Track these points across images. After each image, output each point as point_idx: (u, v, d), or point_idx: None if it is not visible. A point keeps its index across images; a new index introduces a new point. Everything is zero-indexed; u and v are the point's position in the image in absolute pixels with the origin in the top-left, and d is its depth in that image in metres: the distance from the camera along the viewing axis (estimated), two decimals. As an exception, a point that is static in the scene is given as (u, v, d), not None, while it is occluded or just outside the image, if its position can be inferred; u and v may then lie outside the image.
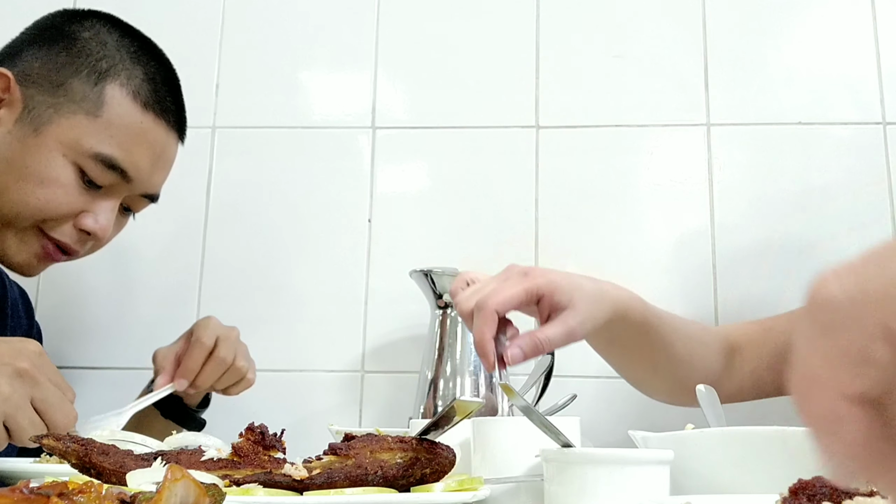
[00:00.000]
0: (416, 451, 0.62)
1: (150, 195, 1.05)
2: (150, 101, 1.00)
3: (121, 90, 0.97)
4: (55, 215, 0.96)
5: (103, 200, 0.99)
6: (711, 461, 0.65)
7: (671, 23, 1.40)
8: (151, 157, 1.01)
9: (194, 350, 1.06)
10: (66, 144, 0.94)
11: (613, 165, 1.36)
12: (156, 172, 1.03)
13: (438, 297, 1.17)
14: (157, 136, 1.01)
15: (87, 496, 0.38)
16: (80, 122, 0.95)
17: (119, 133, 0.97)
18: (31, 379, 0.74)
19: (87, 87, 0.96)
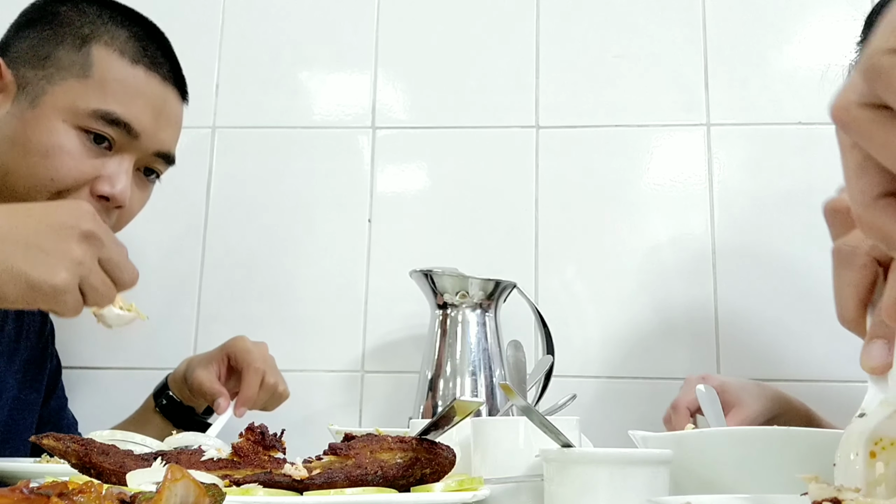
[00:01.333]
0: (416, 451, 0.62)
1: (163, 154, 1.03)
2: (137, 56, 0.99)
3: (106, 49, 0.97)
4: (67, 184, 0.94)
5: (115, 163, 0.97)
6: (711, 461, 0.65)
7: (671, 23, 1.40)
8: (151, 110, 0.99)
9: (252, 379, 1.09)
10: (64, 110, 0.93)
11: (613, 165, 1.36)
12: (161, 128, 1.01)
13: (438, 296, 1.17)
14: (153, 89, 1.00)
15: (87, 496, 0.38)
16: (73, 86, 0.94)
17: (112, 88, 0.96)
18: (98, 240, 0.73)
19: (73, 53, 0.96)
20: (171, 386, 1.15)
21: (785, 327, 1.28)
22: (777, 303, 1.29)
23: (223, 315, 1.36)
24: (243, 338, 1.14)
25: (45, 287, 0.69)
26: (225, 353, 1.13)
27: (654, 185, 1.35)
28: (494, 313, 1.18)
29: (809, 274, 1.30)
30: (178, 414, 1.14)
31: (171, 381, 1.16)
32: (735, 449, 0.64)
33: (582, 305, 1.32)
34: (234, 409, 1.08)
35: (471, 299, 1.16)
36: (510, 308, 1.22)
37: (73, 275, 0.71)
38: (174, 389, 1.15)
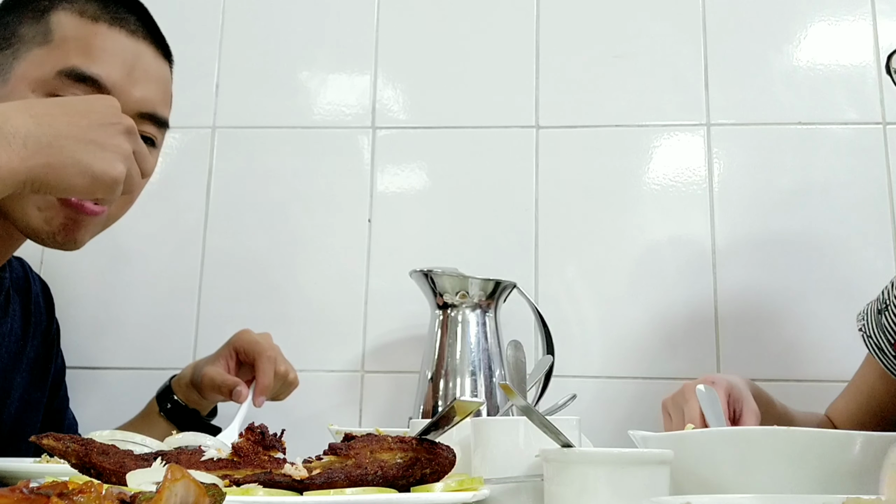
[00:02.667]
0: (416, 451, 0.62)
1: (148, 114, 0.99)
2: (97, 13, 0.95)
3: (64, 14, 0.95)
4: None
5: None
6: (711, 461, 0.65)
7: (671, 23, 1.40)
8: (120, 63, 0.94)
9: (266, 367, 1.09)
10: (32, 80, 0.91)
11: (613, 165, 1.36)
12: (136, 84, 0.96)
13: (438, 296, 1.17)
14: (120, 43, 0.95)
15: (87, 496, 0.38)
16: (36, 55, 0.92)
17: (73, 46, 0.93)
18: (135, 135, 0.80)
19: (34, 26, 0.94)
20: (175, 390, 1.15)
21: (785, 327, 1.28)
22: (777, 303, 1.29)
23: (223, 315, 1.36)
24: (248, 330, 1.14)
25: (107, 178, 0.76)
26: (232, 347, 1.13)
27: (654, 185, 1.35)
28: (494, 313, 1.18)
29: (809, 274, 1.30)
30: (183, 417, 1.14)
31: (176, 384, 1.15)
32: (735, 449, 0.64)
33: (582, 305, 1.32)
34: (253, 398, 1.08)
35: (471, 299, 1.16)
36: (510, 308, 1.22)
37: (126, 166, 0.78)
38: (179, 393, 1.15)
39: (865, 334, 1.08)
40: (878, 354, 1.06)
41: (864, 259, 1.29)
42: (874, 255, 1.29)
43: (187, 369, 1.16)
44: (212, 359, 1.13)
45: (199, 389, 1.12)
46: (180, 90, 1.44)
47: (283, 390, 1.13)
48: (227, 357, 1.12)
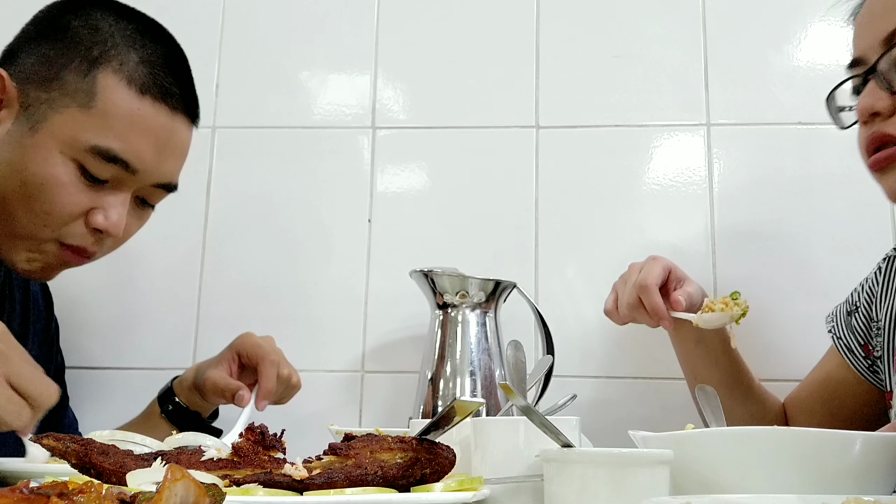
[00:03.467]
0: (416, 451, 0.62)
1: (164, 185, 1.00)
2: (147, 84, 0.93)
3: (114, 77, 0.91)
4: (62, 216, 0.92)
5: (111, 195, 0.94)
6: (711, 461, 0.65)
7: (671, 23, 1.40)
8: (155, 144, 0.95)
9: (269, 371, 1.09)
10: (63, 141, 0.90)
11: (613, 165, 1.36)
12: (164, 161, 0.97)
13: (438, 296, 1.17)
14: (160, 121, 0.95)
15: (87, 496, 0.38)
16: (74, 116, 0.90)
17: (116, 123, 0.91)
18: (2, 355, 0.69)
19: (79, 78, 0.91)
20: (177, 391, 1.15)
21: (784, 326, 1.28)
22: (777, 302, 1.29)
23: (223, 315, 1.36)
24: (250, 334, 1.14)
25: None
26: (234, 351, 1.12)
27: (654, 185, 1.35)
28: (494, 313, 1.18)
29: (809, 273, 1.30)
30: (184, 419, 1.14)
31: (178, 386, 1.15)
32: (735, 449, 0.64)
33: (582, 305, 1.32)
34: (256, 402, 1.08)
35: (471, 299, 1.16)
36: (510, 308, 1.22)
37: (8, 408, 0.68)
38: (181, 395, 1.14)
39: (835, 335, 1.09)
40: (848, 355, 1.06)
41: (864, 259, 1.29)
42: (875, 255, 1.29)
43: (189, 371, 1.16)
44: (214, 362, 1.13)
45: (202, 392, 1.12)
46: (180, 90, 1.44)
47: (286, 394, 1.13)
48: (229, 360, 1.12)
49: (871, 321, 1.04)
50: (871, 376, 1.04)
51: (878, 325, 1.02)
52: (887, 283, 1.03)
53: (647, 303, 1.04)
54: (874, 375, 1.04)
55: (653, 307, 1.04)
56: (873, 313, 1.04)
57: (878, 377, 1.03)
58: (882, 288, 1.03)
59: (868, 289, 1.06)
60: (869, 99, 0.87)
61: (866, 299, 1.06)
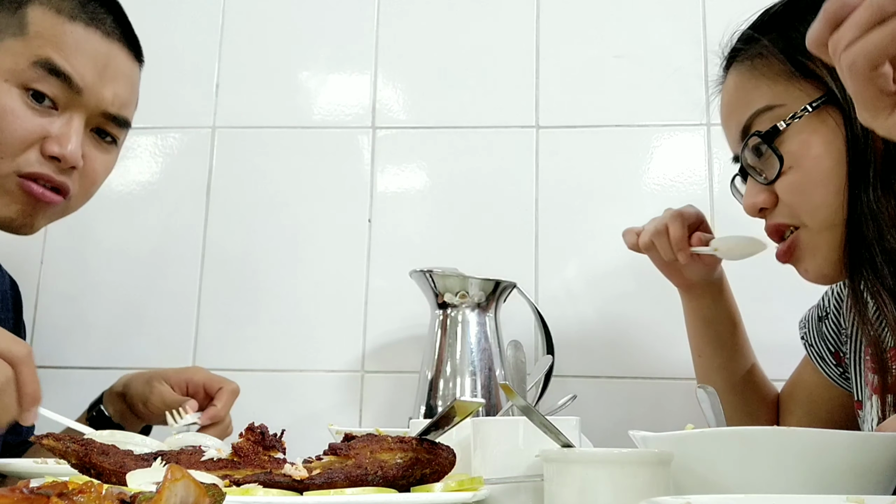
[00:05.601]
0: (416, 451, 0.62)
1: (115, 116, 1.00)
2: (75, 11, 0.96)
3: (41, 9, 0.95)
4: (14, 145, 0.92)
5: (62, 121, 0.95)
6: (711, 461, 0.65)
7: (671, 23, 1.40)
8: (93, 63, 0.96)
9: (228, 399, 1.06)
10: (4, 70, 0.92)
11: (613, 165, 1.36)
12: (106, 83, 0.98)
13: (438, 296, 1.17)
14: (94, 44, 0.97)
15: (87, 496, 0.38)
16: (10, 45, 0.93)
17: (50, 42, 0.94)
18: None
19: (9, 15, 0.94)
20: (105, 400, 1.10)
21: (785, 327, 1.28)
22: (777, 302, 1.29)
23: (223, 315, 1.36)
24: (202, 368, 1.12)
25: None
26: (183, 378, 1.09)
27: (654, 185, 1.35)
28: (494, 313, 1.18)
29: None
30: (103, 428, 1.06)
31: (107, 395, 1.11)
32: (735, 449, 0.64)
33: (582, 305, 1.32)
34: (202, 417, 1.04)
35: (471, 299, 1.16)
36: (510, 308, 1.22)
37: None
38: (107, 404, 1.10)
39: (807, 342, 1.08)
40: (820, 363, 1.06)
41: (864, 259, 1.29)
42: (874, 255, 1.29)
43: (118, 381, 1.11)
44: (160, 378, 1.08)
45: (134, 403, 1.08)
46: (180, 90, 1.44)
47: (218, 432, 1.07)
48: (176, 385, 1.08)
49: (841, 328, 1.03)
50: (844, 383, 1.04)
51: (846, 333, 1.01)
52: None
53: (672, 230, 1.03)
54: (846, 382, 1.03)
55: (675, 235, 1.02)
56: (841, 320, 1.03)
57: (850, 384, 1.02)
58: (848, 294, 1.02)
59: (837, 294, 1.05)
60: (750, 198, 0.91)
61: (835, 305, 1.04)
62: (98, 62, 0.97)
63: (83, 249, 1.39)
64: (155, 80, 1.43)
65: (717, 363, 1.11)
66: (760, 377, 1.15)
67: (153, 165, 1.43)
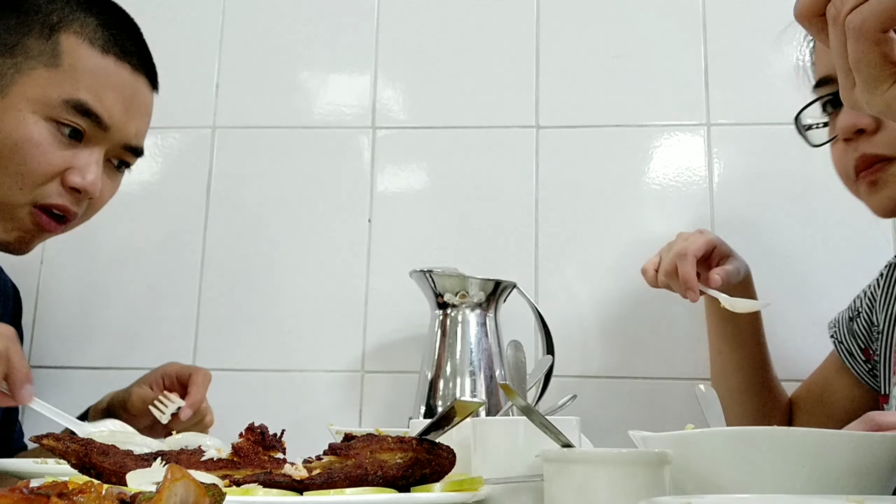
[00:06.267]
0: (416, 451, 0.62)
1: (132, 147, 1.02)
2: (108, 45, 0.96)
3: (75, 38, 0.95)
4: (37, 177, 0.93)
5: (85, 154, 0.96)
6: (711, 461, 0.65)
7: (671, 23, 1.40)
8: (122, 100, 0.97)
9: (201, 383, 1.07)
10: (34, 100, 0.92)
11: (613, 165, 1.36)
12: (131, 118, 0.99)
13: (438, 296, 1.17)
14: (123, 78, 0.98)
15: (87, 496, 0.38)
16: (42, 76, 0.92)
17: (83, 78, 0.94)
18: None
19: (42, 42, 0.93)
20: (91, 416, 1.10)
21: (784, 326, 1.28)
22: (777, 302, 1.29)
23: (223, 315, 1.36)
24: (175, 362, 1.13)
25: None
26: (160, 374, 1.10)
27: (654, 185, 1.35)
28: (494, 313, 1.18)
29: (809, 273, 1.30)
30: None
31: (92, 411, 1.11)
32: (735, 449, 0.64)
33: (582, 305, 1.32)
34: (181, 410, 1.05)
35: (471, 299, 1.16)
36: (510, 308, 1.22)
37: None
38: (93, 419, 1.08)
39: (837, 340, 1.10)
40: (849, 360, 1.08)
41: (864, 259, 1.29)
42: (875, 255, 1.29)
43: (104, 398, 1.12)
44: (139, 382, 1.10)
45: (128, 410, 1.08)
46: (180, 90, 1.44)
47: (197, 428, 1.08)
48: (152, 382, 1.09)
49: (872, 325, 1.05)
50: (871, 380, 1.06)
51: (877, 330, 1.03)
52: (888, 289, 1.04)
53: (681, 271, 1.04)
54: (873, 379, 1.06)
55: (684, 277, 1.04)
56: (874, 318, 1.05)
57: (877, 381, 1.04)
58: (883, 293, 1.04)
59: (870, 295, 1.07)
60: (851, 118, 0.86)
61: (867, 305, 1.07)
62: (126, 98, 0.98)
63: (83, 250, 1.39)
64: (155, 80, 1.43)
65: (735, 362, 1.12)
66: (775, 379, 1.16)
67: (153, 165, 1.42)
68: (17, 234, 0.96)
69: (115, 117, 0.96)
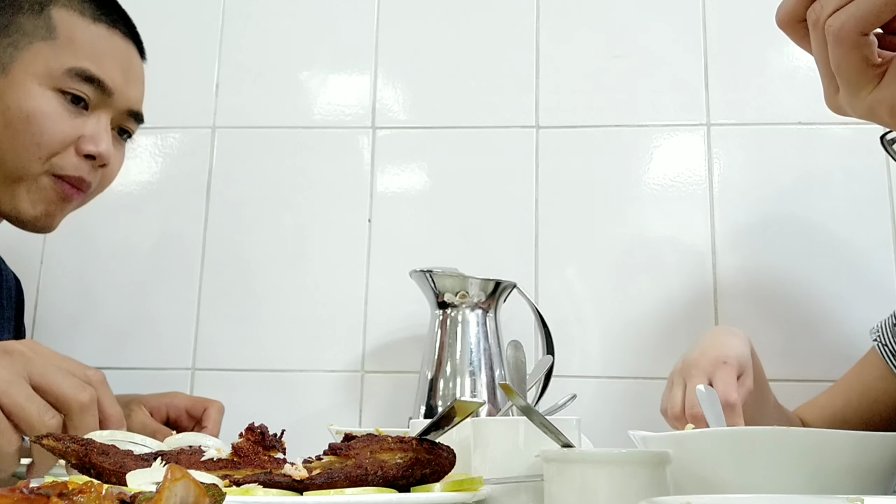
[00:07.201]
0: (416, 451, 0.62)
1: (134, 112, 1.04)
2: (96, 14, 0.99)
3: (66, 10, 0.98)
4: (54, 146, 0.95)
5: (94, 122, 0.98)
6: (711, 461, 0.65)
7: (671, 23, 1.40)
8: (120, 67, 1.00)
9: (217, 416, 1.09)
10: (37, 73, 0.94)
11: (613, 165, 1.36)
12: (129, 84, 1.02)
13: (438, 296, 1.17)
14: (117, 44, 1.01)
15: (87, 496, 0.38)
16: (42, 49, 0.95)
17: (81, 47, 0.97)
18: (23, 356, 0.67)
19: (34, 18, 0.96)
20: None
21: (785, 327, 1.28)
22: (777, 303, 1.29)
23: (223, 315, 1.36)
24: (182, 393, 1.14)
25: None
26: (164, 406, 1.10)
27: (654, 185, 1.35)
28: (494, 313, 1.18)
29: (809, 273, 1.30)
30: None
31: None
32: (735, 449, 0.64)
33: (582, 305, 1.32)
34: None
35: (471, 299, 1.16)
36: (510, 308, 1.22)
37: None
38: None
39: (880, 342, 1.09)
40: (893, 360, 1.07)
41: (864, 259, 1.29)
42: (874, 255, 1.29)
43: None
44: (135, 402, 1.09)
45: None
46: (180, 90, 1.44)
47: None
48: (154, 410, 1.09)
49: None
50: None
51: None
52: None
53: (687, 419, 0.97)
54: None
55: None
56: None
57: None
58: None
59: None
60: None
61: None
62: (122, 64, 1.01)
63: (83, 249, 1.39)
64: (155, 80, 1.43)
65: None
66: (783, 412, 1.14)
67: (153, 165, 1.43)
68: (42, 207, 0.97)
69: (116, 82, 0.99)
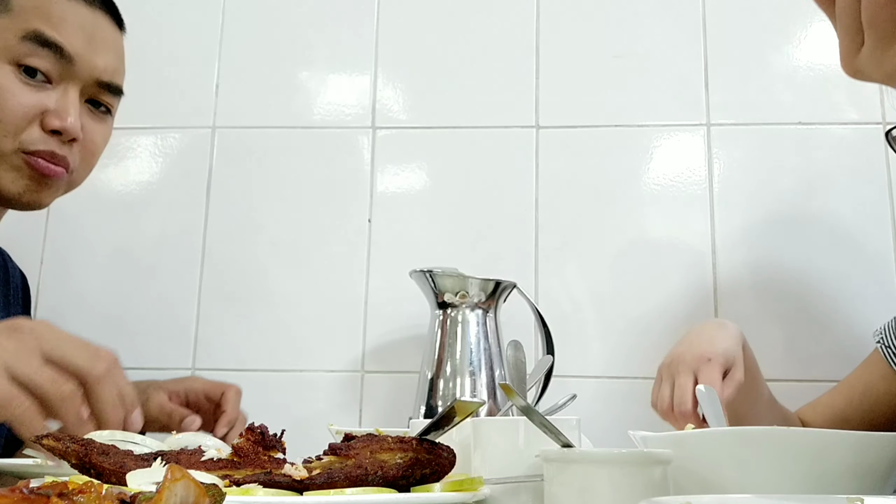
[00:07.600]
0: (416, 451, 0.62)
1: (108, 84, 1.00)
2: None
3: None
4: (15, 122, 0.92)
5: (58, 94, 0.95)
6: (711, 461, 0.65)
7: (671, 23, 1.40)
8: (82, 32, 0.95)
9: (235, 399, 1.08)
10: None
11: (613, 165, 1.36)
12: (95, 52, 0.97)
13: (438, 296, 1.17)
14: (79, 14, 0.96)
15: (87, 496, 0.38)
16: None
17: (36, 14, 0.93)
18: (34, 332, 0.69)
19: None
20: None
21: (785, 327, 1.28)
22: (776, 303, 1.29)
23: (223, 315, 1.36)
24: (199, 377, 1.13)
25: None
26: (182, 387, 1.09)
27: (654, 185, 1.35)
28: (494, 313, 1.18)
29: (809, 274, 1.30)
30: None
31: None
32: (735, 449, 0.64)
33: (582, 305, 1.32)
34: (215, 428, 1.05)
35: (471, 299, 1.16)
36: (510, 308, 1.22)
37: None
38: None
39: (883, 344, 1.09)
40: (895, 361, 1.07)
41: (864, 259, 1.29)
42: (874, 256, 1.29)
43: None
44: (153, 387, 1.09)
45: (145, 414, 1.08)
46: (180, 90, 1.44)
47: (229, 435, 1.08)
48: (172, 394, 1.09)
49: None
50: None
51: None
52: None
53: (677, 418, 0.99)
54: None
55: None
56: None
57: None
58: None
59: None
60: None
61: None
62: (86, 31, 0.96)
63: (83, 249, 1.39)
64: (155, 80, 1.43)
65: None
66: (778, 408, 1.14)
67: (153, 165, 1.43)
68: (23, 184, 0.95)
69: (76, 48, 0.95)
